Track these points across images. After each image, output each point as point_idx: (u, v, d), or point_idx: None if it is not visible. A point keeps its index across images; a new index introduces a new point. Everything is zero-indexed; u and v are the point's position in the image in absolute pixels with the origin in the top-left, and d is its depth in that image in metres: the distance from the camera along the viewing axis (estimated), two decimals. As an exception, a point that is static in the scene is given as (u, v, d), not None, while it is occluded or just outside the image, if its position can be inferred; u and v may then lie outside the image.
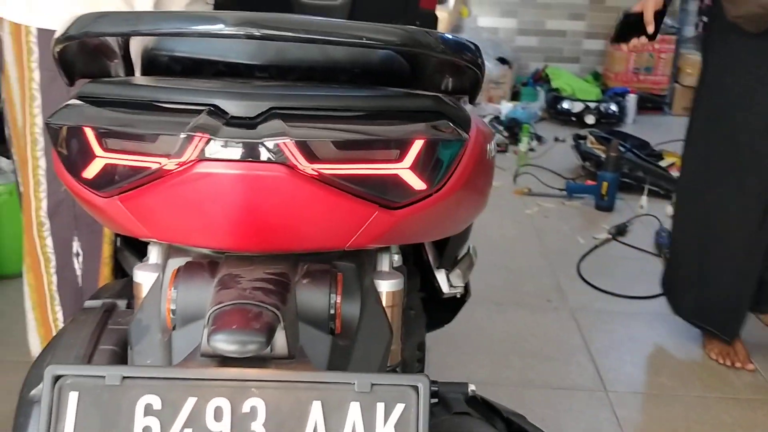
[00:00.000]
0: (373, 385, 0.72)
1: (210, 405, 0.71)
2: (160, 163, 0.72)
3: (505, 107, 4.94)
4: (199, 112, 0.72)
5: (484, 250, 2.88)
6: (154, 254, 0.95)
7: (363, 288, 0.89)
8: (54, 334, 1.48)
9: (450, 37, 0.81)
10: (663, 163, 4.00)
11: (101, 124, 0.74)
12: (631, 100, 5.17)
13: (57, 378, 0.71)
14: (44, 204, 1.38)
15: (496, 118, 4.77)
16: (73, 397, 0.71)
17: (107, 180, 0.76)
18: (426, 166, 0.78)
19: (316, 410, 0.72)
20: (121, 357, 1.01)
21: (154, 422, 0.71)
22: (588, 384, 2.15)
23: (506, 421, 1.04)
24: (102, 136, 0.74)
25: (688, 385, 2.17)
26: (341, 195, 0.75)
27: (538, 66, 5.65)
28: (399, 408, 0.72)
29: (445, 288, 1.27)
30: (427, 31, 0.78)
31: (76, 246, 1.40)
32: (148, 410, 0.71)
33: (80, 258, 1.41)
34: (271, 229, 0.75)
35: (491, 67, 5.19)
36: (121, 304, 1.13)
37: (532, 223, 3.40)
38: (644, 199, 3.55)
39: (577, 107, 5.05)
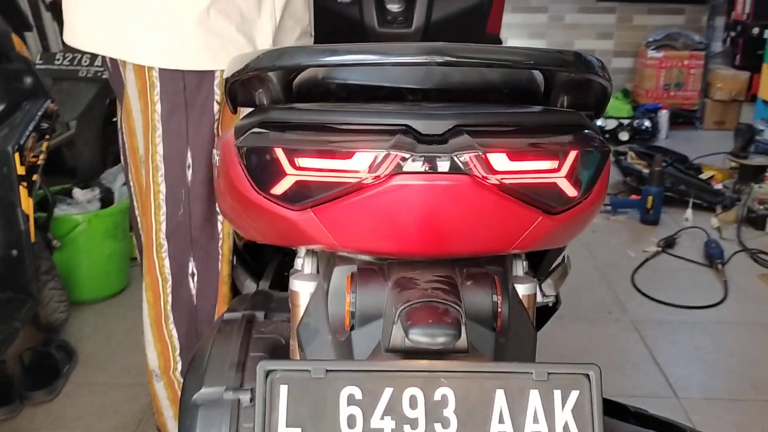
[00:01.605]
0: (549, 374, 0.80)
1: (405, 394, 0.79)
2: (359, 178, 0.80)
3: (540, 127, 5.02)
4: (389, 131, 0.80)
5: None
6: (308, 265, 1.03)
7: (509, 291, 0.97)
8: (170, 349, 1.56)
9: (590, 57, 0.90)
10: (703, 176, 4.06)
11: (294, 145, 0.83)
12: (664, 115, 5.24)
13: (268, 373, 0.79)
14: (163, 227, 1.46)
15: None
16: (283, 389, 0.79)
17: (299, 195, 0.85)
18: (578, 174, 0.86)
19: (499, 397, 0.79)
20: (270, 363, 1.09)
21: (356, 411, 0.78)
22: (660, 391, 2.21)
23: (636, 416, 1.11)
24: (293, 154, 0.83)
25: (759, 390, 2.22)
26: (515, 202, 0.84)
27: (568, 86, 5.74)
28: (574, 395, 0.80)
29: (538, 297, 1.35)
30: (573, 52, 0.86)
31: (191, 266, 1.49)
32: (351, 400, 0.79)
33: (195, 278, 1.50)
34: (451, 233, 0.83)
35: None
36: (259, 315, 1.21)
37: (580, 238, 3.43)
38: (689, 212, 3.60)
39: (611, 124, 5.12)
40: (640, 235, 3.50)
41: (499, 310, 0.90)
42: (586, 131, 0.89)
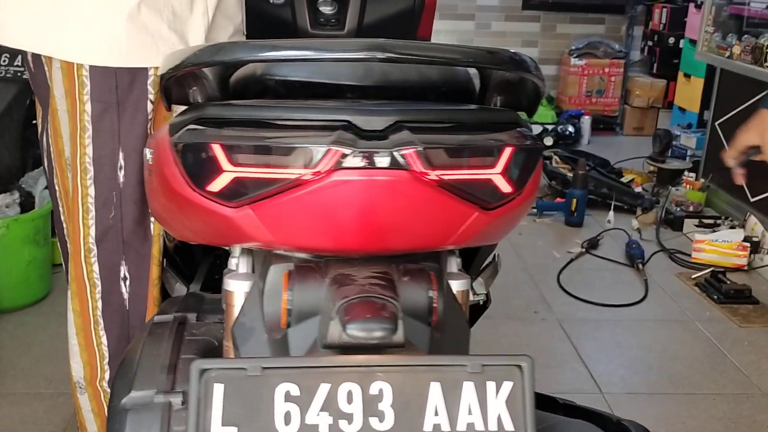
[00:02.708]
0: (483, 366, 0.82)
1: (341, 389, 0.79)
2: (299, 174, 0.80)
3: (468, 132, 5.11)
4: (329, 128, 0.81)
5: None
6: (243, 265, 1.02)
7: (444, 287, 0.99)
8: (98, 357, 1.52)
9: (526, 56, 0.93)
10: (624, 180, 4.20)
11: (233, 141, 0.82)
12: (586, 121, 5.40)
13: (203, 372, 0.78)
14: (92, 231, 1.42)
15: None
16: (218, 388, 0.78)
17: (236, 192, 0.84)
18: (512, 171, 0.88)
19: (435, 390, 0.80)
20: (203, 365, 1.08)
21: (293, 407, 0.78)
22: (585, 387, 2.27)
23: (564, 407, 1.14)
24: (232, 151, 0.82)
25: (677, 384, 2.31)
26: (452, 197, 0.85)
27: (494, 91, 5.85)
28: (507, 385, 0.82)
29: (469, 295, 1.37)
30: (512, 51, 0.89)
31: (123, 270, 1.45)
32: (287, 396, 0.78)
33: (128, 282, 1.46)
34: (390, 229, 0.84)
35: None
36: (191, 317, 1.20)
37: (508, 240, 3.51)
38: (611, 214, 3.72)
39: (536, 130, 5.24)
40: (565, 237, 3.60)
41: (435, 305, 0.91)
42: (520, 129, 0.91)
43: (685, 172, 4.06)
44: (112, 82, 1.33)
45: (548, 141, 5.21)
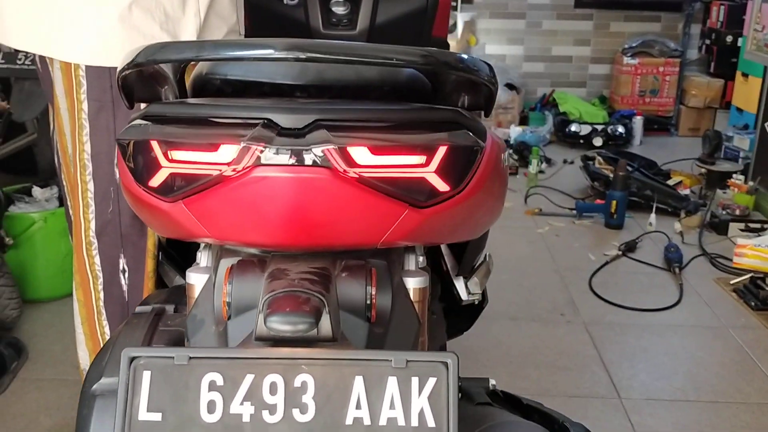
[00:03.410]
0: (408, 361, 0.82)
1: (266, 381, 0.81)
2: (220, 170, 0.83)
3: (514, 131, 5.06)
4: (253, 125, 0.83)
5: (499, 269, 2.97)
6: (204, 258, 1.05)
7: (393, 283, 0.99)
8: (102, 345, 1.58)
9: (466, 56, 0.92)
10: (670, 182, 4.10)
11: (166, 137, 0.85)
12: (638, 122, 5.28)
13: (132, 359, 0.81)
14: (93, 225, 1.48)
15: (506, 142, 4.88)
16: (146, 375, 0.81)
17: (171, 187, 0.87)
18: (449, 169, 0.88)
19: (358, 384, 0.81)
20: (172, 354, 1.11)
21: (217, 397, 0.80)
22: (603, 392, 2.23)
23: (526, 408, 1.13)
24: (167, 147, 0.85)
25: (700, 390, 2.25)
26: (377, 195, 0.86)
27: (545, 91, 5.78)
28: (431, 382, 0.82)
29: (463, 295, 1.37)
30: (446, 52, 0.89)
31: (122, 263, 1.51)
32: (212, 386, 0.81)
33: (126, 274, 1.52)
34: (317, 226, 0.85)
35: (499, 94, 5.30)
36: (169, 309, 1.23)
37: (543, 241, 3.49)
38: (653, 217, 3.63)
39: (585, 130, 5.16)
40: (602, 239, 3.53)
41: (373, 301, 0.92)
42: (458, 128, 0.91)
43: (734, 175, 3.92)
44: (106, 81, 1.39)
45: (597, 141, 5.12)
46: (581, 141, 5.14)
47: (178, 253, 1.56)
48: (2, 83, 2.85)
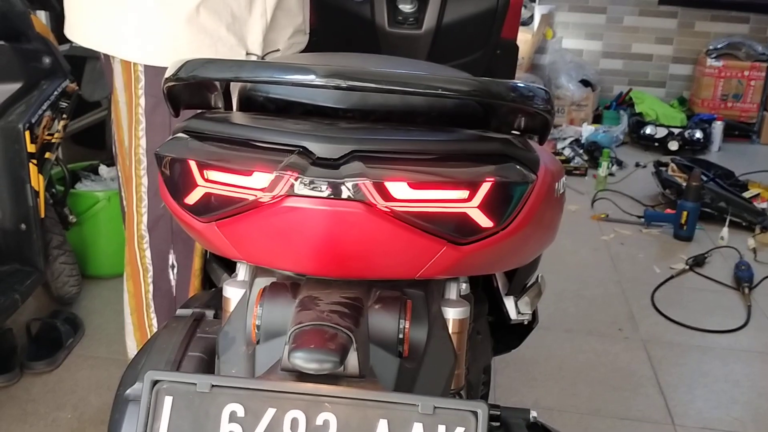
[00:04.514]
0: (435, 408, 0.78)
1: (287, 416, 0.79)
2: (255, 196, 0.81)
3: (587, 130, 4.91)
4: (290, 151, 0.80)
5: (558, 276, 2.91)
6: (242, 272, 1.04)
7: (430, 314, 0.95)
8: (149, 338, 1.59)
9: (520, 85, 0.87)
10: (747, 194, 3.91)
11: (203, 158, 0.83)
12: (718, 127, 5.06)
13: (155, 382, 0.80)
14: (145, 218, 1.49)
15: (577, 141, 4.75)
16: (168, 400, 0.80)
17: (206, 207, 0.85)
18: (494, 205, 0.84)
19: (382, 427, 0.78)
20: (207, 364, 1.10)
21: (237, 429, 0.79)
22: (656, 416, 2.15)
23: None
24: (203, 167, 0.83)
25: (759, 423, 2.14)
26: (412, 231, 0.82)
27: (622, 89, 5.59)
28: (459, 431, 0.78)
29: (512, 314, 1.32)
30: (498, 82, 0.84)
31: (171, 258, 1.52)
32: (233, 417, 0.79)
33: (175, 270, 1.53)
34: (348, 258, 0.82)
35: (574, 90, 5.18)
36: (209, 314, 1.22)
37: (607, 249, 3.38)
38: (725, 231, 3.48)
39: (661, 133, 4.97)
40: (670, 251, 3.40)
41: (407, 335, 0.89)
42: (507, 161, 0.86)
43: (817, 191, 3.72)
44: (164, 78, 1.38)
45: (673, 145, 4.94)
46: (656, 144, 4.95)
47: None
48: (73, 65, 2.91)
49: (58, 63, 2.12)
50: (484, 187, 0.83)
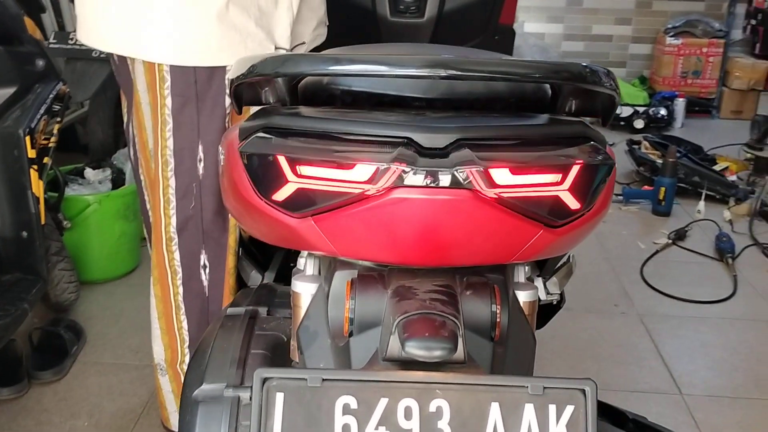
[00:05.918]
0: (545, 388, 0.80)
1: (400, 405, 0.79)
2: (361, 189, 0.80)
3: (554, 112, 4.98)
4: (390, 143, 0.80)
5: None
6: (309, 266, 1.03)
7: (509, 298, 0.97)
8: (178, 341, 1.57)
9: (595, 68, 0.89)
10: (717, 168, 4.02)
11: (296, 153, 0.83)
12: (680, 104, 5.18)
13: (265, 380, 0.80)
14: (173, 221, 1.47)
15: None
16: (279, 397, 0.79)
17: (299, 203, 0.85)
18: (582, 187, 0.86)
19: (494, 411, 0.80)
20: (271, 360, 1.10)
21: (351, 420, 0.79)
22: (663, 387, 2.21)
23: (631, 422, 1.11)
24: (295, 163, 0.83)
25: (763, 388, 2.22)
26: (514, 215, 0.83)
27: (584, 71, 5.67)
28: (569, 409, 0.80)
29: (542, 295, 1.35)
30: (576, 64, 0.85)
31: (203, 258, 1.50)
32: (346, 409, 0.79)
33: (207, 270, 1.51)
34: (451, 246, 0.83)
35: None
36: (262, 311, 1.22)
37: (591, 228, 3.44)
38: (702, 204, 3.58)
39: (627, 111, 5.07)
40: (651, 227, 3.48)
41: (498, 319, 0.90)
42: (591, 143, 0.88)
43: (785, 162, 3.85)
44: (191, 77, 1.36)
45: (639, 124, 5.04)
46: (622, 123, 5.05)
47: (258, 251, 1.55)
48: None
49: (51, 65, 2.07)
50: (574, 170, 0.84)
